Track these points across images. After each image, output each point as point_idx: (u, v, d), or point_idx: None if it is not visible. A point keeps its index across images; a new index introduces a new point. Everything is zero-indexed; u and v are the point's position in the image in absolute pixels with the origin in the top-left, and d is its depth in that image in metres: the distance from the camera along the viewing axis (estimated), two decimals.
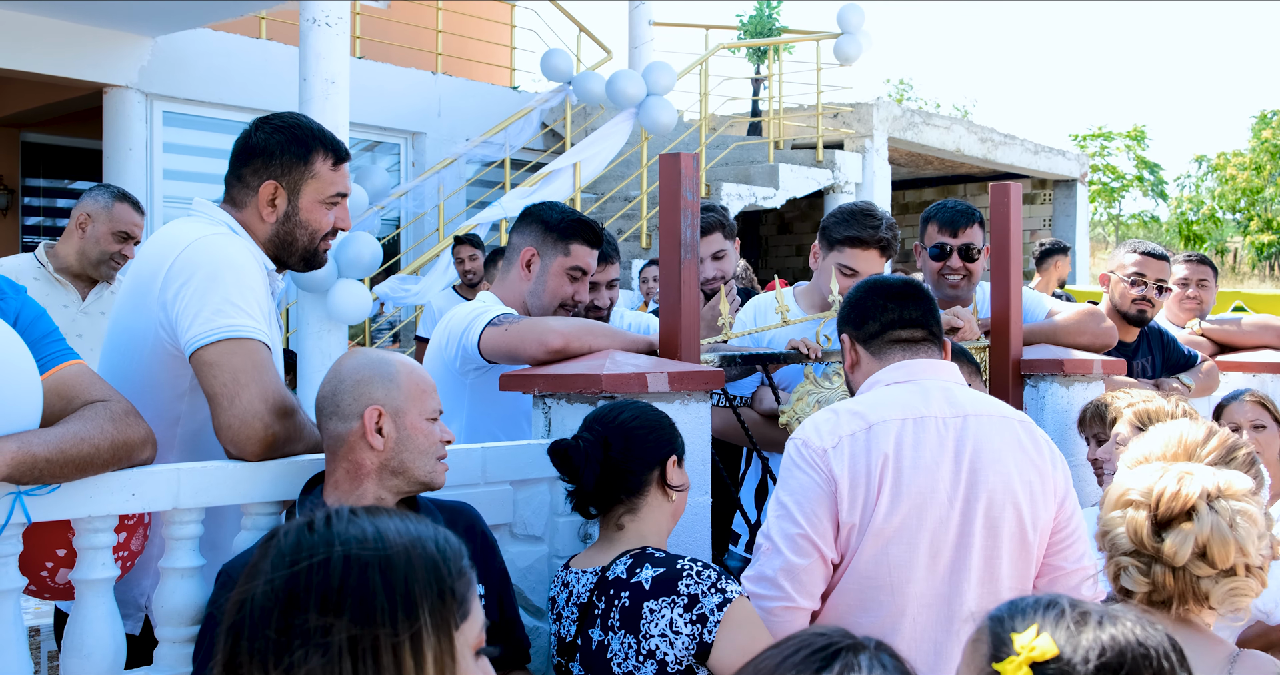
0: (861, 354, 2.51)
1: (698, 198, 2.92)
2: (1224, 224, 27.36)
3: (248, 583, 1.21)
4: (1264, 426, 3.86)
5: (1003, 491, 2.31)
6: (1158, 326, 4.43)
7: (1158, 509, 1.75)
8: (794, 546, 2.29)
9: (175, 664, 2.17)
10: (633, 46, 11.44)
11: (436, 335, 3.12)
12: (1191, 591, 1.74)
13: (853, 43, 10.35)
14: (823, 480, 2.29)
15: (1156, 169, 28.22)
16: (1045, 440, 2.46)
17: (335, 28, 6.60)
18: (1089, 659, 1.24)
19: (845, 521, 2.28)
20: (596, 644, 2.27)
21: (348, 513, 1.25)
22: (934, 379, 2.43)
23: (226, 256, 2.36)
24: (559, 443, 2.39)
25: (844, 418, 2.34)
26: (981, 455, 2.32)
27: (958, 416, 2.35)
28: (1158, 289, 4.26)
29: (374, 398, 2.16)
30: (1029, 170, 13.01)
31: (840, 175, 10.72)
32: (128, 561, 2.32)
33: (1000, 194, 3.61)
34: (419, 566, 1.20)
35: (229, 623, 1.21)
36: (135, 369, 2.40)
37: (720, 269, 3.98)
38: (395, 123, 10.31)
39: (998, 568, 2.31)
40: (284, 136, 2.52)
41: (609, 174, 10.26)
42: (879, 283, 2.56)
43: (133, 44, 8.43)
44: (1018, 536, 2.33)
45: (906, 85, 31.81)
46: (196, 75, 8.81)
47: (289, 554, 1.20)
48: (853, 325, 2.53)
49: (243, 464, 2.24)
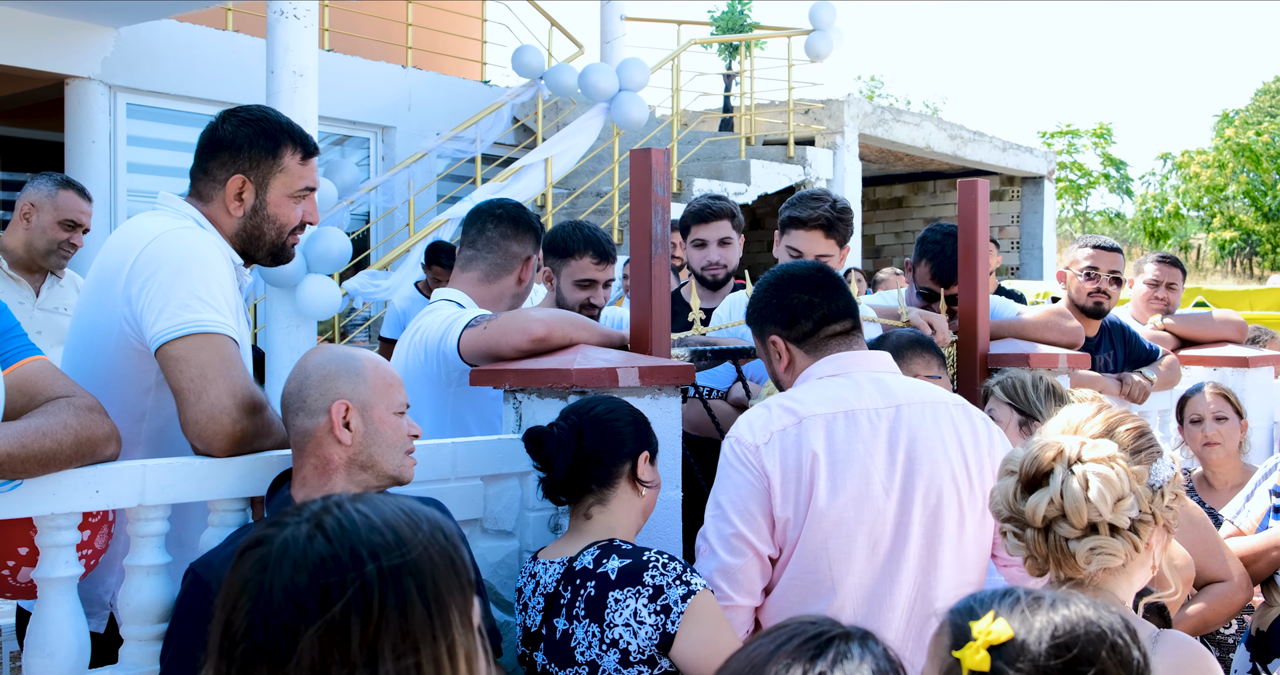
0: (795, 353, 2.48)
1: (669, 193, 2.92)
2: (1188, 221, 27.67)
3: (256, 597, 1.15)
4: (1225, 418, 3.91)
5: (940, 479, 2.33)
6: (1119, 322, 4.48)
7: (1022, 474, 1.88)
8: (728, 547, 2.31)
9: (141, 662, 2.15)
10: (604, 41, 11.42)
11: (409, 348, 3.06)
12: (1060, 552, 1.84)
13: (824, 39, 10.38)
14: (755, 477, 2.30)
15: (1122, 166, 28.48)
16: (984, 421, 2.47)
17: (304, 20, 6.54)
18: (1043, 639, 1.29)
19: (780, 516, 2.30)
20: (561, 633, 2.28)
21: (350, 508, 1.21)
22: (865, 370, 2.43)
23: (193, 250, 2.33)
24: (534, 429, 2.40)
25: (775, 413, 2.35)
26: (917, 445, 2.33)
27: (890, 407, 2.36)
28: (1113, 280, 4.29)
29: (340, 392, 2.15)
30: (997, 167, 13.10)
31: (811, 171, 10.75)
32: (92, 559, 2.30)
33: (968, 190, 3.63)
34: (440, 564, 1.19)
35: (236, 640, 1.15)
36: (99, 364, 2.37)
37: (724, 256, 3.98)
38: (365, 117, 10.24)
39: (939, 556, 2.33)
40: (252, 130, 2.49)
41: (581, 169, 10.24)
42: (792, 274, 2.52)
43: (95, 35, 8.32)
44: (958, 524, 2.35)
45: (877, 82, 31.98)
46: (161, 67, 8.71)
47: (312, 568, 1.15)
48: (780, 326, 2.48)
49: (209, 460, 2.21)
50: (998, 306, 3.89)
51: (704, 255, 3.96)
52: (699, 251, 3.97)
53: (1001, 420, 3.04)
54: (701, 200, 4.01)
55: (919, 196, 14.05)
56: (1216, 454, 3.91)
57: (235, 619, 1.17)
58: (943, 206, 13.67)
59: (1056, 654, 1.28)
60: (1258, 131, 26.97)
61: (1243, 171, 26.18)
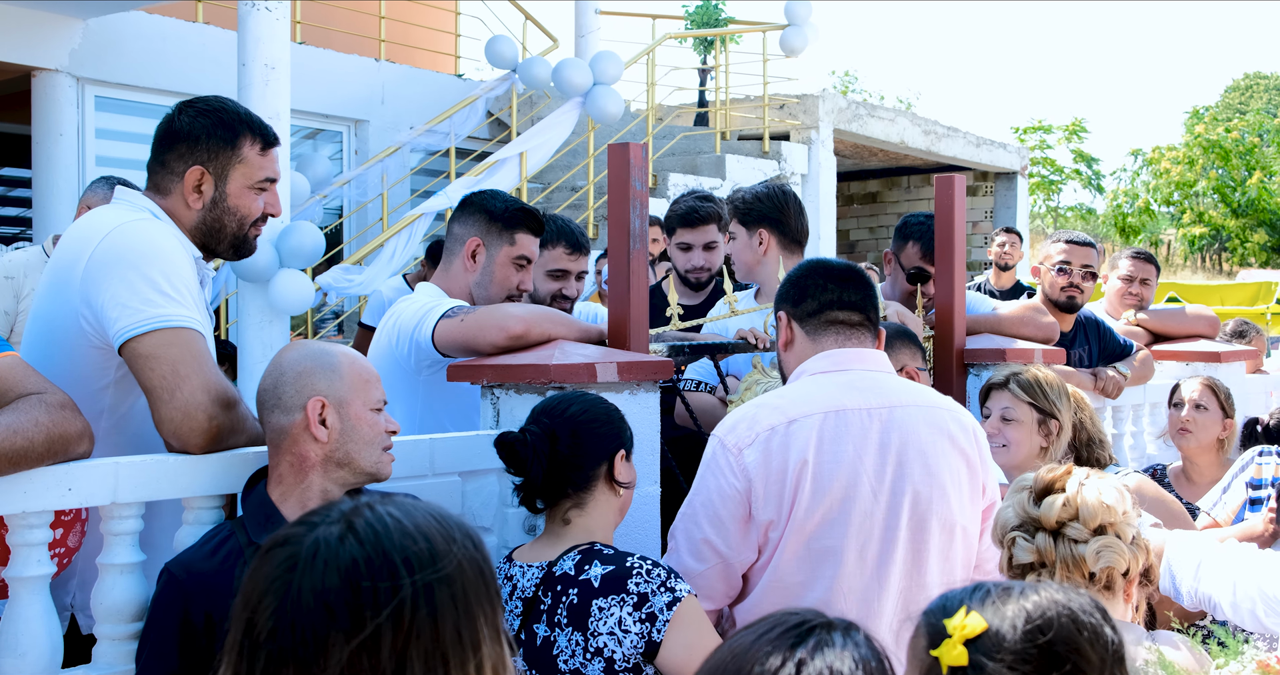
0: (797, 332, 2.47)
1: (646, 188, 2.91)
2: (1158, 217, 27.92)
3: (284, 597, 1.12)
4: (1205, 408, 3.95)
5: (930, 484, 2.30)
6: (1094, 317, 4.51)
7: (1035, 486, 2.02)
8: (694, 551, 2.30)
9: (116, 661, 2.13)
10: (579, 35, 11.38)
11: (384, 333, 3.05)
12: (1071, 557, 1.94)
13: (799, 35, 10.39)
14: (735, 481, 2.27)
15: (1094, 162, 28.72)
16: (975, 429, 2.45)
17: (275, 12, 6.48)
18: (1017, 626, 1.30)
19: (762, 519, 2.27)
20: (542, 640, 2.25)
21: (382, 511, 1.18)
22: (860, 369, 2.40)
23: (151, 242, 2.29)
24: (505, 436, 2.36)
25: (764, 413, 2.32)
26: (908, 447, 2.31)
27: (884, 407, 2.33)
28: (1086, 275, 4.32)
29: (316, 389, 2.13)
30: (971, 162, 13.17)
31: (786, 166, 10.76)
32: (64, 558, 2.27)
33: (945, 186, 3.64)
34: (471, 574, 1.17)
35: (261, 641, 1.12)
36: (57, 362, 2.31)
37: (709, 260, 3.98)
38: (337, 110, 10.16)
39: (925, 561, 2.31)
40: (210, 120, 2.44)
41: (555, 163, 10.21)
42: (821, 263, 2.54)
43: (63, 26, 8.21)
44: (946, 528, 2.32)
45: (852, 77, 32.05)
46: (130, 59, 8.61)
47: (344, 571, 1.12)
48: (790, 303, 2.50)
49: (184, 457, 2.19)
50: (974, 302, 3.91)
51: (688, 258, 3.96)
52: (683, 254, 3.97)
53: (1021, 419, 3.03)
54: (689, 202, 3.98)
55: (893, 192, 14.10)
56: (1189, 442, 3.94)
57: (259, 619, 1.13)
58: (917, 202, 13.73)
59: (1032, 639, 1.28)
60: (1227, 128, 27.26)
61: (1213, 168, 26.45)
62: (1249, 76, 45.49)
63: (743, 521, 2.27)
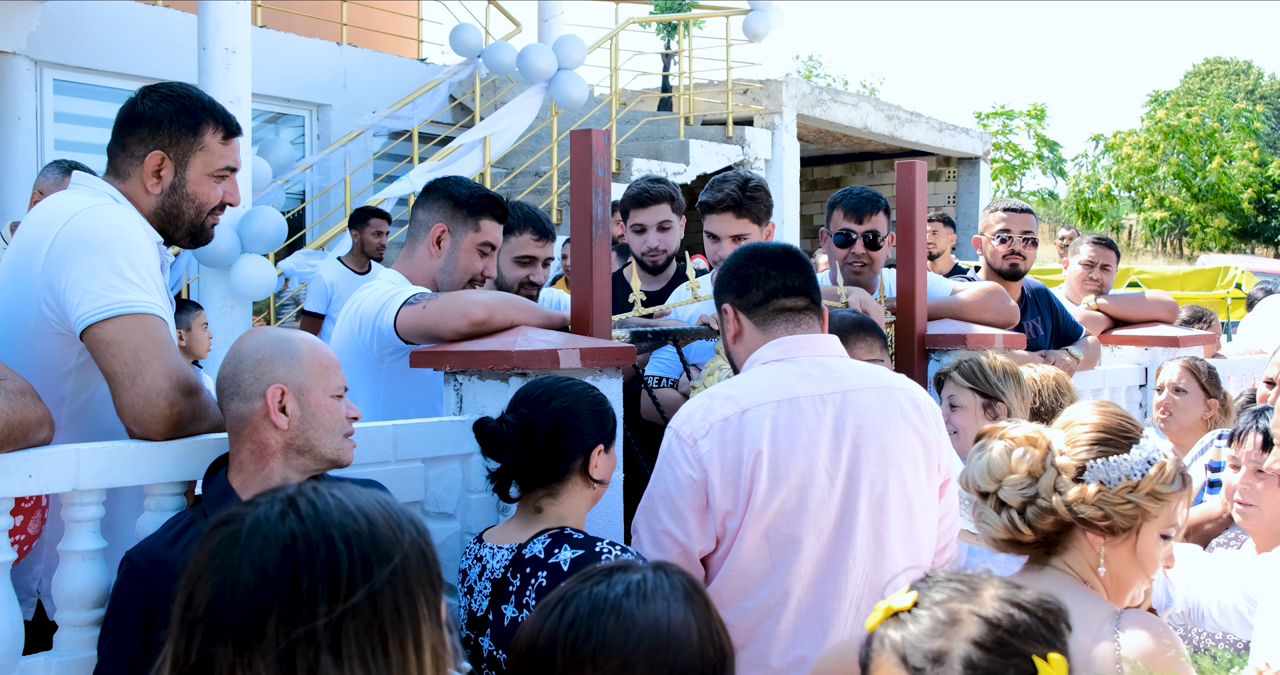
0: (745, 324, 2.46)
1: (609, 174, 2.91)
2: (1119, 201, 28.23)
3: (224, 573, 1.14)
4: (1185, 391, 4.00)
5: (885, 465, 2.32)
6: (1043, 287, 4.53)
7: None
8: (655, 542, 2.31)
9: (76, 648, 2.12)
10: (542, 19, 11.34)
11: (346, 320, 3.04)
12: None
13: (762, 19, 10.41)
14: (691, 472, 2.28)
15: (1056, 147, 28.94)
16: (930, 406, 2.46)
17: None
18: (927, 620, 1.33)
19: (720, 508, 2.27)
20: (510, 620, 2.27)
21: (325, 492, 1.20)
22: (810, 356, 2.39)
23: (114, 227, 2.28)
24: (485, 423, 2.35)
25: (718, 403, 2.32)
26: (863, 431, 2.31)
27: (837, 392, 2.33)
28: (1027, 242, 4.36)
29: (276, 376, 2.12)
30: (934, 148, 13.25)
31: (750, 151, 10.79)
32: (25, 545, 2.25)
33: (906, 172, 3.67)
34: (412, 556, 1.18)
35: (199, 616, 1.14)
36: (17, 349, 2.29)
37: (664, 240, 3.96)
38: (299, 94, 10.08)
39: (886, 543, 2.32)
40: (172, 106, 2.42)
41: (519, 149, 10.18)
42: (757, 249, 2.52)
43: (21, 9, 8.09)
44: (904, 509, 2.34)
45: (815, 62, 32.13)
46: (89, 42, 8.50)
47: (282, 546, 1.14)
48: (734, 294, 2.47)
49: (145, 444, 2.18)
50: (933, 286, 3.92)
51: (644, 240, 3.93)
52: (638, 236, 3.94)
53: (966, 405, 3.06)
54: (640, 183, 3.98)
55: (857, 177, 14.16)
56: (1170, 425, 4.00)
57: (198, 594, 1.15)
58: (880, 187, 13.79)
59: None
60: (1188, 113, 27.57)
61: (1173, 153, 26.75)
62: (1209, 61, 46.01)
63: (700, 511, 2.28)
